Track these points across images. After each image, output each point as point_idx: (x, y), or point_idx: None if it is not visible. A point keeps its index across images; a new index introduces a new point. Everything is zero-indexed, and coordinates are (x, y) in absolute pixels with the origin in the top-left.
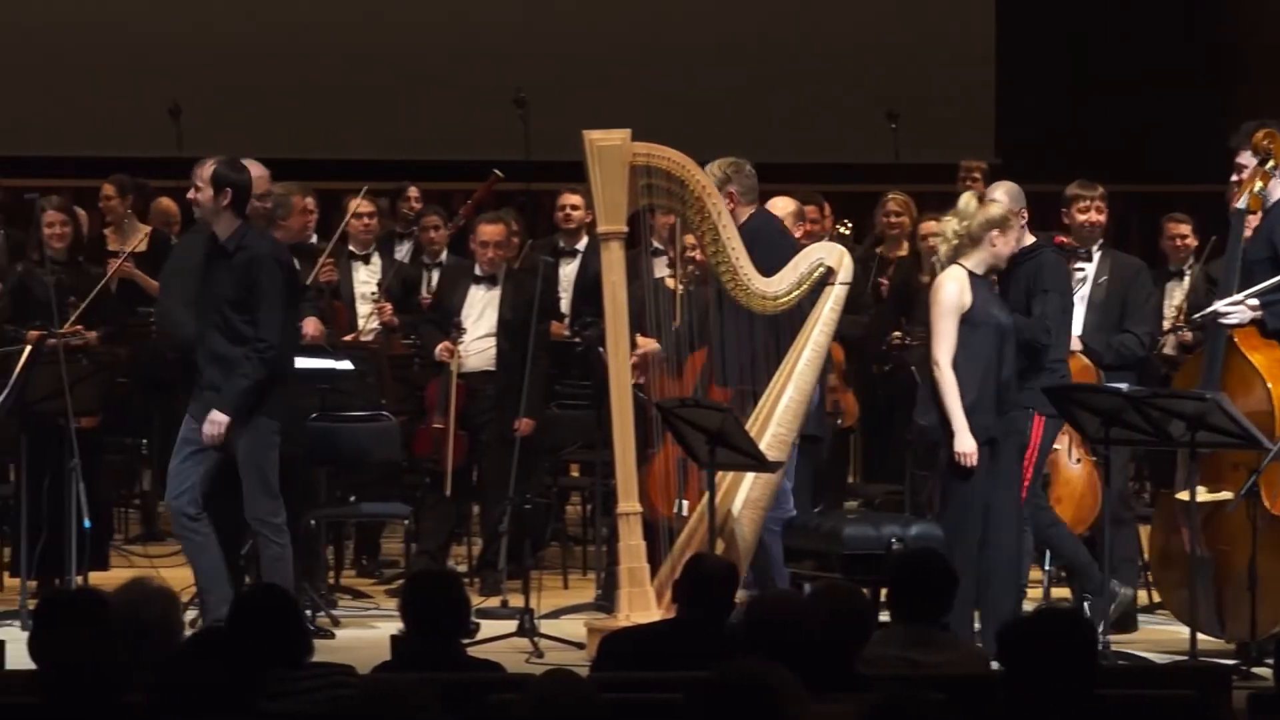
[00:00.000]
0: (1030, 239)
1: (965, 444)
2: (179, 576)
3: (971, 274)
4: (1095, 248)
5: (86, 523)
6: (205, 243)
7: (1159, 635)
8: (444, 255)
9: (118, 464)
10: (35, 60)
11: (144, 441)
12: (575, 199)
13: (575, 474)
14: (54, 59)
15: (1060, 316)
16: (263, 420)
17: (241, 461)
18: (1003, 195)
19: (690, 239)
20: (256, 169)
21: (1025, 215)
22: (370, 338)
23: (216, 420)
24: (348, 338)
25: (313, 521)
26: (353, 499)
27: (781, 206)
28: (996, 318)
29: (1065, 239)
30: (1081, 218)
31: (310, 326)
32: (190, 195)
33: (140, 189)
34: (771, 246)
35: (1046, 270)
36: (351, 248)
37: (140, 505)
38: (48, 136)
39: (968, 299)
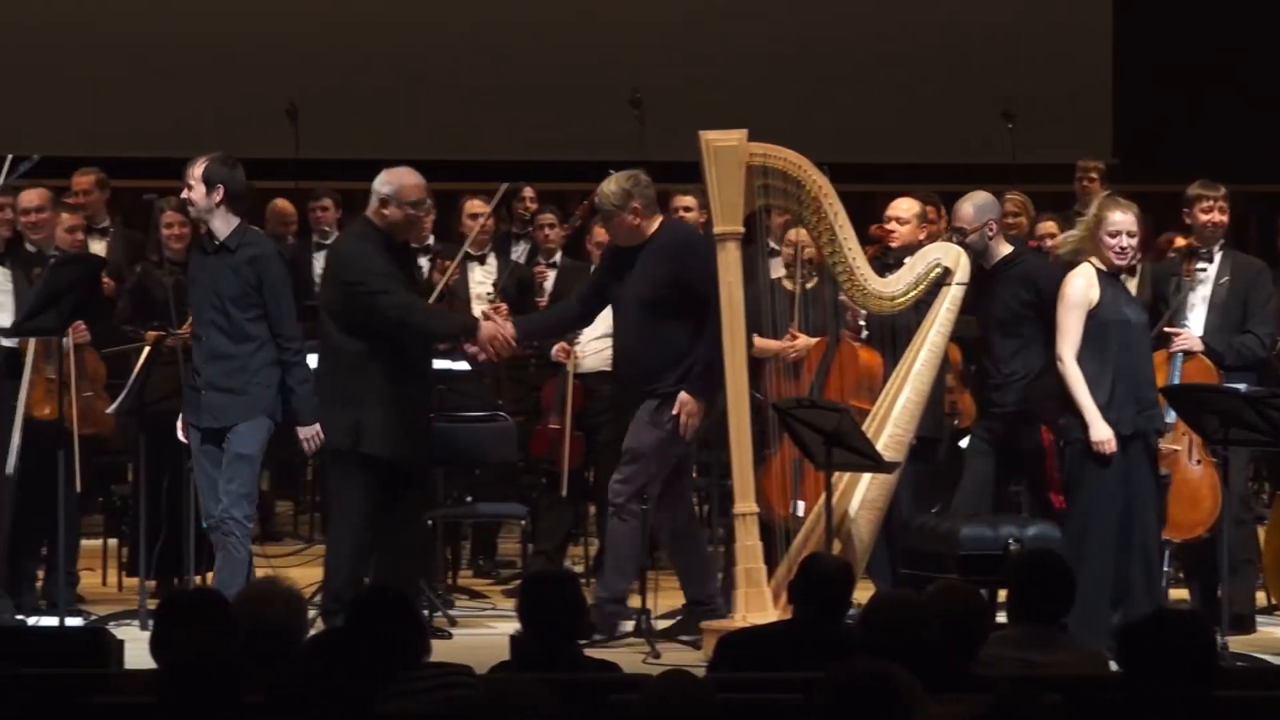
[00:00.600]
0: (1007, 248)
1: (1100, 433)
2: (298, 575)
3: (1100, 271)
4: (1216, 249)
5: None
6: (202, 241)
7: (1277, 637)
8: (559, 255)
9: None
10: (154, 63)
11: None
12: (688, 200)
13: (692, 474)
14: (174, 62)
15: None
16: (266, 421)
17: (240, 461)
18: (970, 207)
19: (794, 235)
20: (412, 177)
21: (994, 228)
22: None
23: (310, 436)
24: None
25: (430, 522)
26: (469, 499)
27: (905, 208)
28: (1126, 314)
29: (1186, 239)
30: (1204, 218)
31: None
32: (183, 194)
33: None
34: (693, 251)
35: (1044, 273)
36: (467, 248)
37: (258, 505)
38: (166, 138)
39: (1095, 295)
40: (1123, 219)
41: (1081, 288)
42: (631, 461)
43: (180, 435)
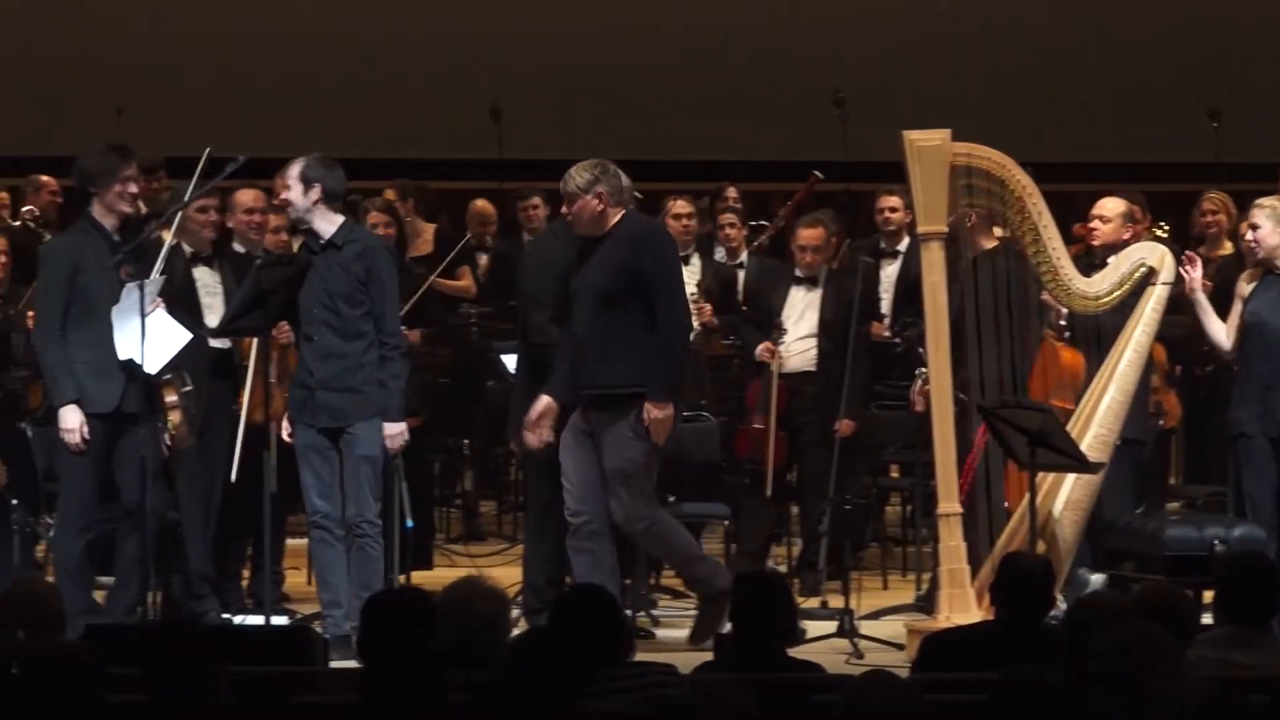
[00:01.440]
0: (991, 242)
1: None
2: (502, 575)
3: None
4: None
5: (409, 522)
6: (308, 241)
7: None
8: (744, 255)
9: (440, 464)
10: (358, 65)
11: (465, 441)
12: (893, 200)
13: (895, 475)
14: (378, 64)
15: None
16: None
17: (360, 461)
18: None
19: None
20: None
21: (974, 218)
22: (690, 338)
23: (395, 434)
24: None
25: None
26: (672, 499)
27: (1110, 207)
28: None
29: None
30: None
31: None
32: (279, 197)
33: (421, 191)
34: (653, 246)
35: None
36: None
37: (462, 504)
38: (370, 140)
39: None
40: None
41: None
42: (625, 484)
43: (285, 435)
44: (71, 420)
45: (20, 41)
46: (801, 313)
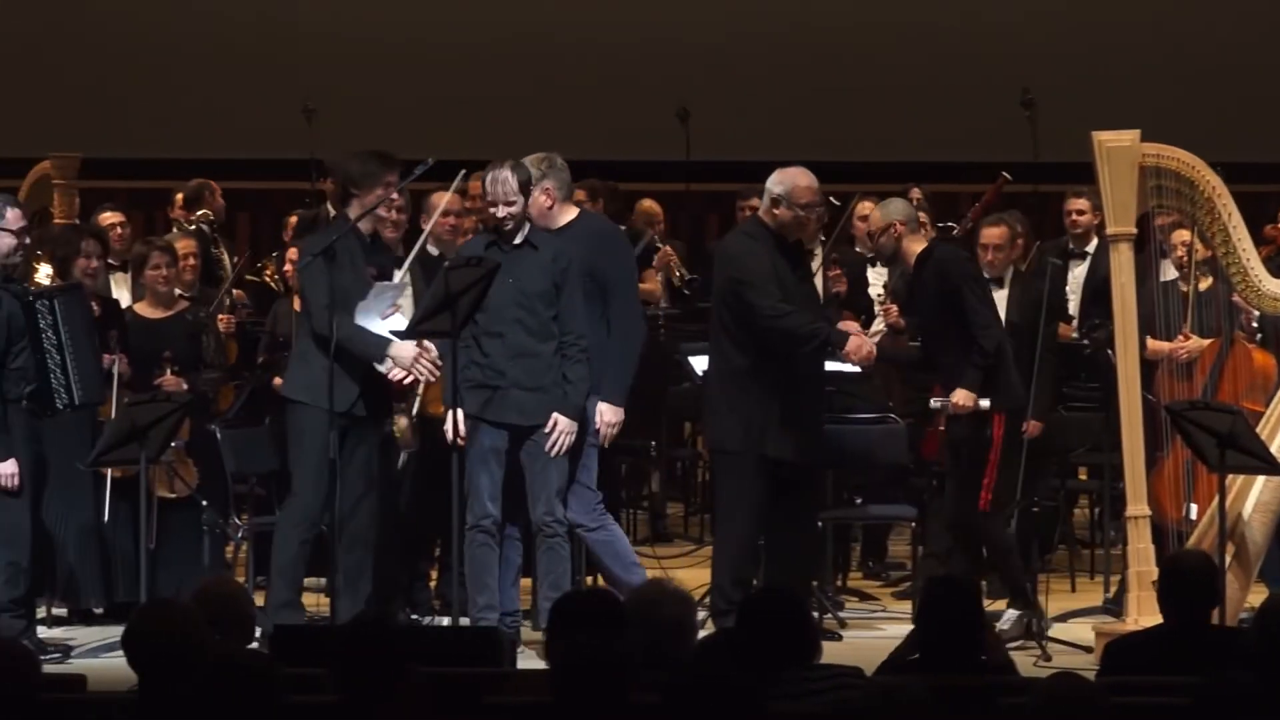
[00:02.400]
0: (920, 244)
1: None
2: (688, 577)
3: None
4: None
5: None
6: (499, 241)
7: None
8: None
9: (625, 466)
10: (547, 68)
11: (652, 443)
12: (1081, 203)
13: (1083, 477)
14: (566, 66)
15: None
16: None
17: (550, 461)
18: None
19: (1181, 236)
20: (805, 178)
21: (898, 229)
22: (877, 339)
23: (565, 430)
24: None
25: (820, 523)
26: (859, 501)
27: None
28: None
29: None
30: None
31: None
32: (502, 212)
33: (611, 192)
34: (609, 245)
35: (949, 265)
36: (858, 249)
37: (648, 506)
38: (559, 140)
39: None
40: None
41: None
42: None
43: (449, 434)
44: (405, 350)
45: (211, 43)
46: None
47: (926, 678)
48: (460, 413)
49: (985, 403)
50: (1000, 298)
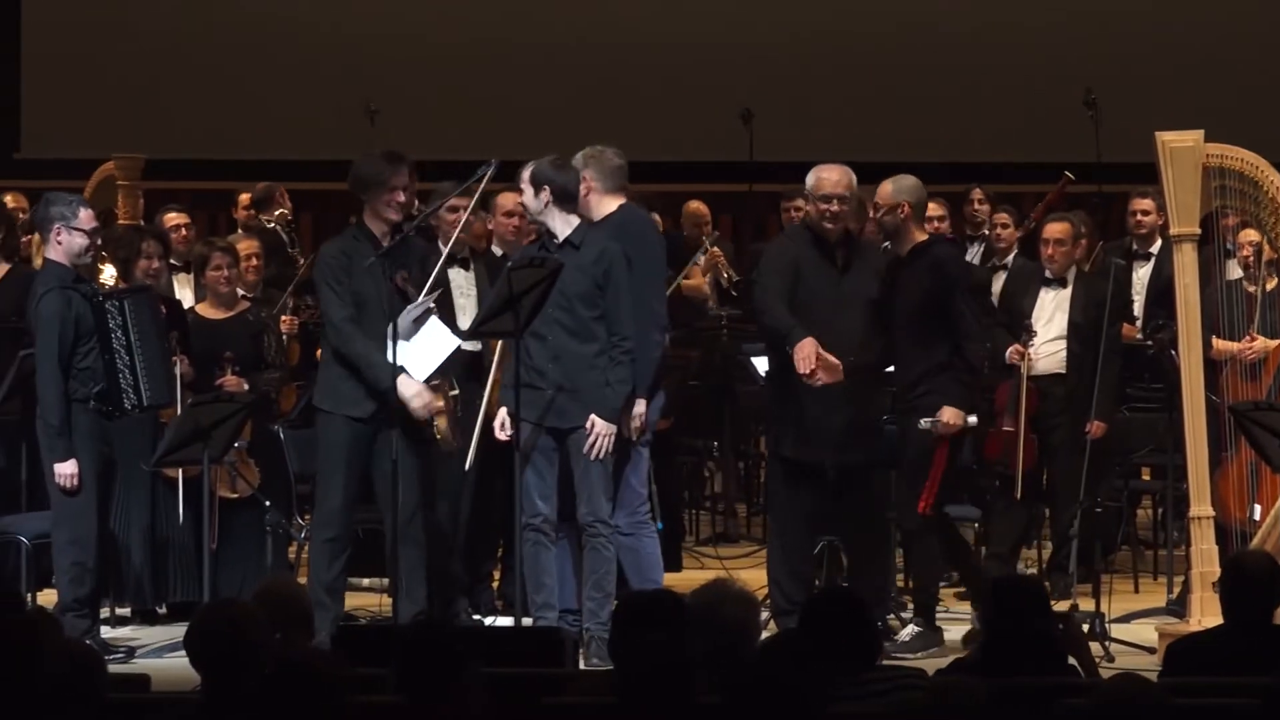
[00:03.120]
0: (921, 236)
1: None
2: (751, 577)
3: None
4: None
5: (659, 524)
6: (544, 241)
7: None
8: (1011, 257)
9: (689, 465)
10: (612, 70)
11: (715, 443)
12: (1145, 204)
13: (1146, 477)
14: (630, 69)
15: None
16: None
17: (588, 462)
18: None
19: (1248, 235)
20: (829, 172)
21: (906, 210)
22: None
23: (603, 432)
24: None
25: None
26: None
27: None
28: None
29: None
30: None
31: None
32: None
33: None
34: (640, 241)
35: (948, 266)
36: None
37: (711, 507)
38: (626, 143)
39: None
40: None
41: None
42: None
43: (498, 433)
44: (409, 389)
45: (274, 42)
46: (1051, 314)
47: (986, 679)
48: (506, 412)
49: (973, 419)
50: (1064, 297)
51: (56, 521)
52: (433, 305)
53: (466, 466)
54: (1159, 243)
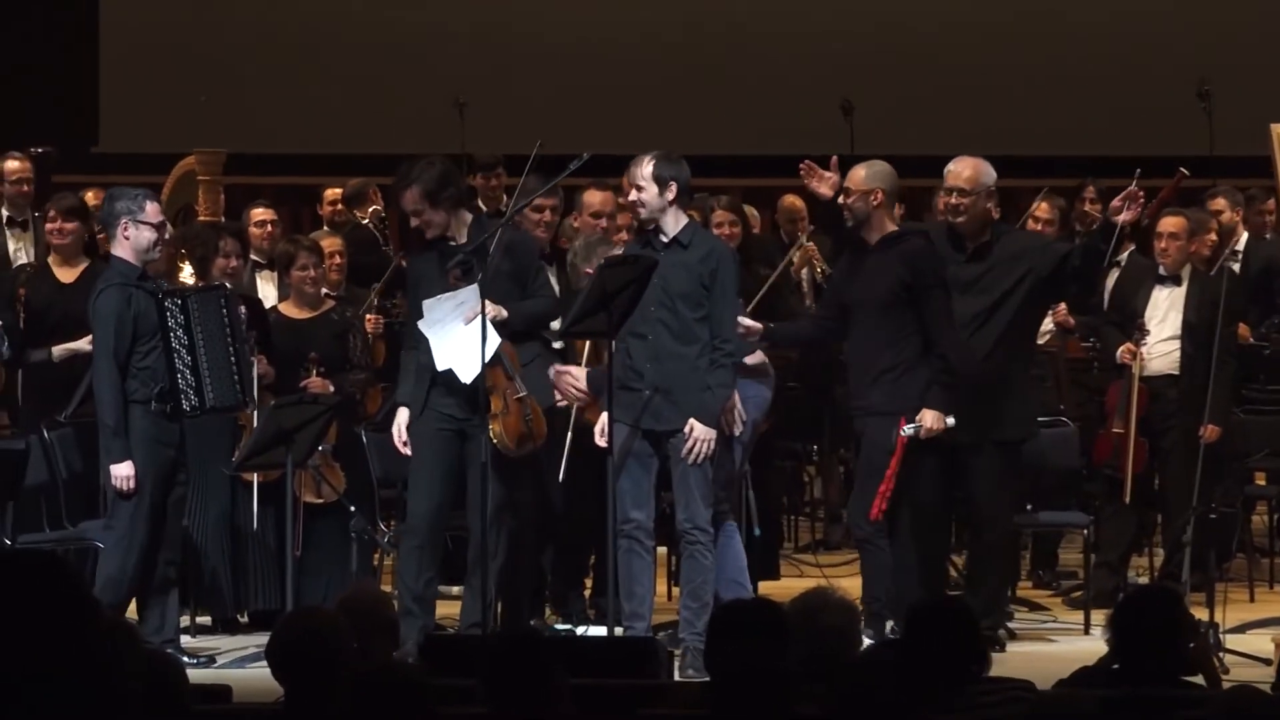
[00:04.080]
0: (892, 226)
1: None
2: (852, 585)
3: None
4: None
5: (756, 530)
6: (649, 238)
7: None
8: (1126, 255)
9: (788, 470)
10: (704, 62)
11: (814, 447)
12: (1219, 203)
13: (1261, 482)
14: (723, 61)
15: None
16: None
17: (686, 467)
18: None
19: None
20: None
21: (879, 197)
22: (1045, 340)
23: (701, 437)
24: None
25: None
26: (1029, 507)
27: None
28: None
29: None
30: None
31: None
32: (630, 196)
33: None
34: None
35: (923, 262)
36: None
37: (811, 513)
38: (719, 135)
39: None
40: None
41: None
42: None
43: (599, 439)
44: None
45: (360, 34)
46: (1164, 313)
47: (1108, 689)
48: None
49: (951, 420)
50: (1178, 295)
51: (108, 523)
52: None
53: (560, 476)
54: (1244, 238)
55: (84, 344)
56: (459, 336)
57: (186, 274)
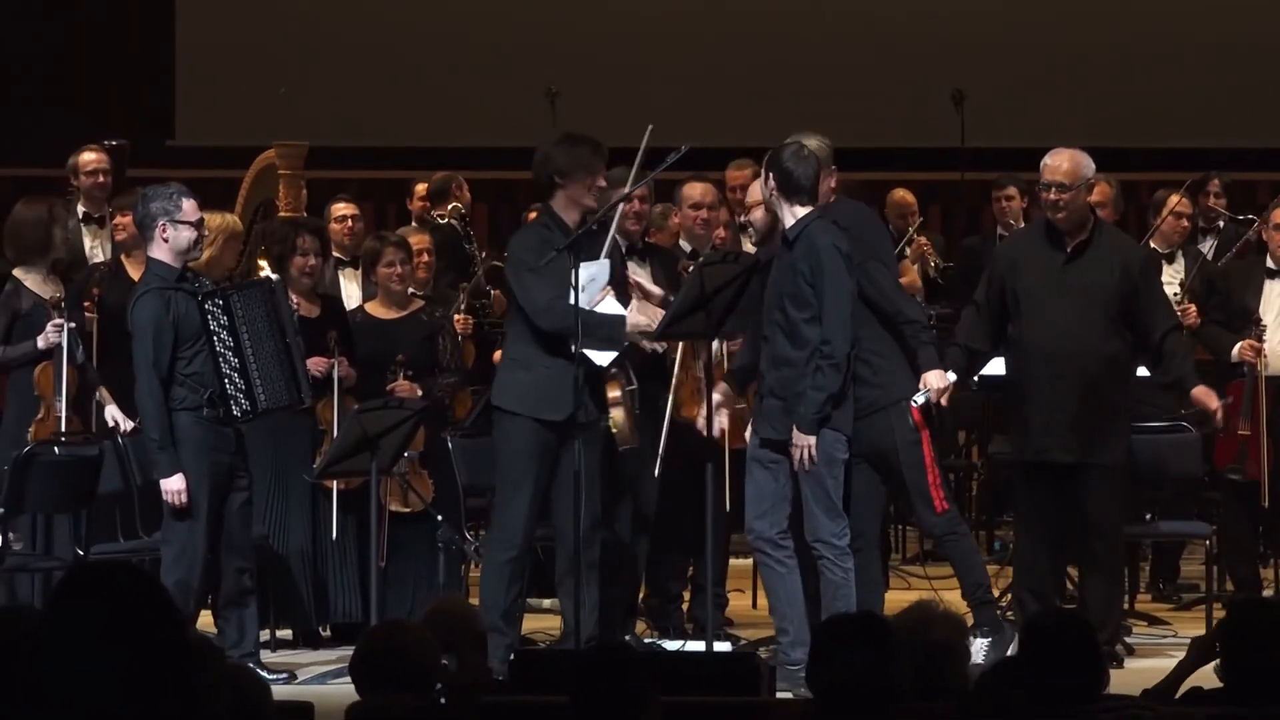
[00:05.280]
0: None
1: None
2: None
3: None
4: None
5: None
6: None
7: None
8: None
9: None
10: (813, 52)
11: None
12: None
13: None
14: (837, 50)
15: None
16: (826, 432)
17: (801, 477)
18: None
19: None
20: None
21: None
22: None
23: (802, 444)
24: None
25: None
26: (1149, 517)
27: None
28: None
29: None
30: None
31: None
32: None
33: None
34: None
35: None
36: (1153, 244)
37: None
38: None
39: None
40: None
41: None
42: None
43: (715, 429)
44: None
45: (447, 22)
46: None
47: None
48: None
49: (952, 375)
50: None
51: (165, 537)
52: (607, 286)
53: (656, 472)
54: None
55: (116, 414)
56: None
57: (266, 273)
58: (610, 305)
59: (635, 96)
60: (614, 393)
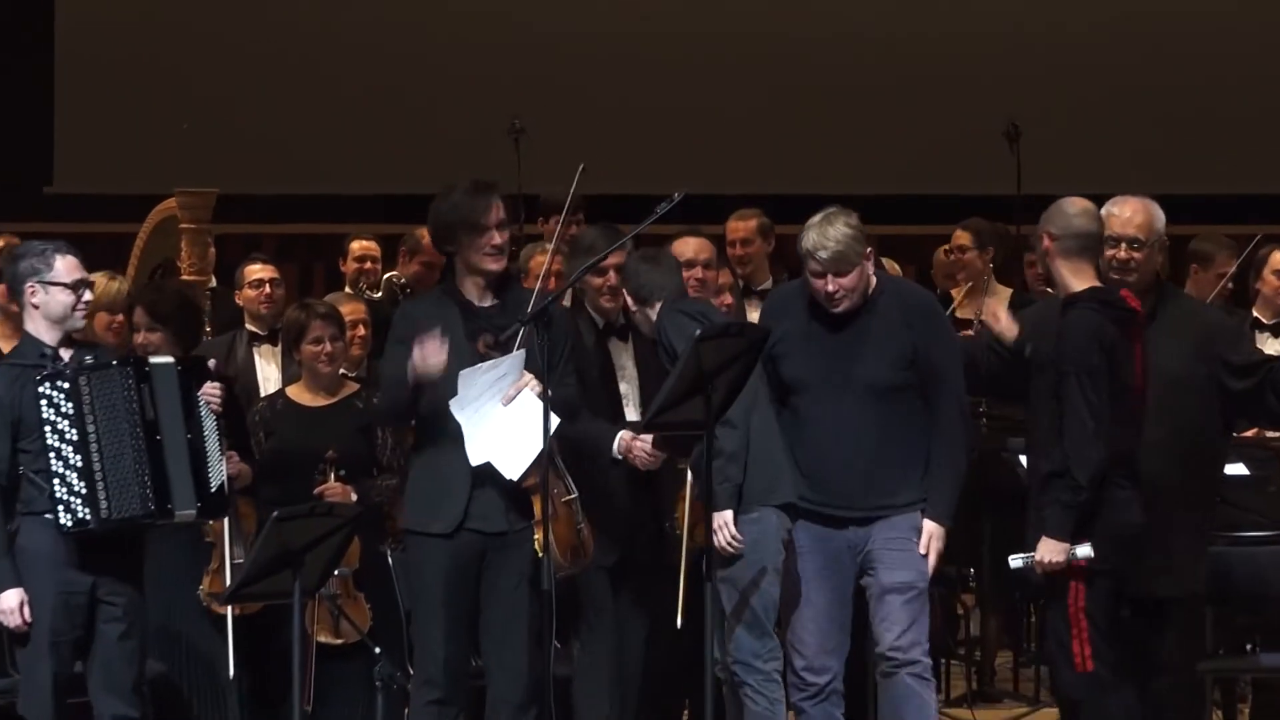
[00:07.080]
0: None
1: None
2: None
3: None
4: None
5: None
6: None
7: None
8: None
9: (938, 599)
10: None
11: (971, 570)
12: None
13: None
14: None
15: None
16: None
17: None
18: None
19: None
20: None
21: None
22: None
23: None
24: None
25: (1199, 674)
26: (1249, 647)
27: None
28: None
29: None
30: None
31: None
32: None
33: (1002, 239)
34: None
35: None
36: (1255, 312)
37: (966, 654)
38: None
39: None
40: None
41: None
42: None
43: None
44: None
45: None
46: None
47: None
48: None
49: (1086, 549)
50: None
51: (20, 670)
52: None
53: (679, 623)
54: None
55: None
56: (499, 420)
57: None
58: (526, 403)
59: (614, 138)
60: (538, 505)
